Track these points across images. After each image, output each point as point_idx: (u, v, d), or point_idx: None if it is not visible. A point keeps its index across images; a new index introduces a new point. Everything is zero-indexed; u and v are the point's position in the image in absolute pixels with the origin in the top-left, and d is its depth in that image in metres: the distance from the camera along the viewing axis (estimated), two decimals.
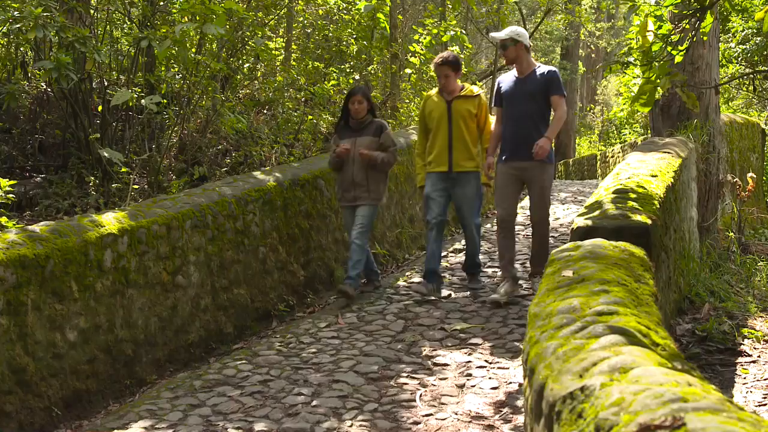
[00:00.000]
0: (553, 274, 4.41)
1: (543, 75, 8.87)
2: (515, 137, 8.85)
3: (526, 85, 8.90)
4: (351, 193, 9.56)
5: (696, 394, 2.20)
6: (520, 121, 8.86)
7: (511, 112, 8.97)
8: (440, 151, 9.35)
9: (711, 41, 11.35)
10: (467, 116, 9.31)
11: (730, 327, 7.56)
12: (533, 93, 8.84)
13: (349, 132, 9.72)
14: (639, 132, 26.67)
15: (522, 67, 9.00)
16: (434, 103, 9.49)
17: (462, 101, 9.37)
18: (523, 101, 8.88)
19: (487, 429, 5.82)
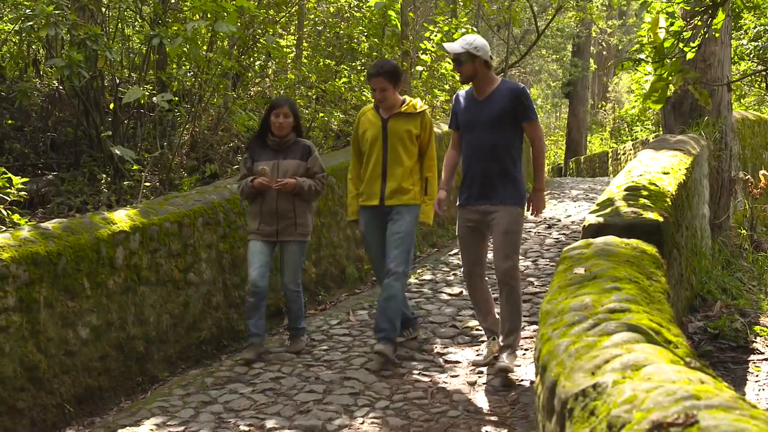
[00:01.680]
0: (564, 272, 4.40)
1: (508, 95, 6.84)
2: (475, 175, 6.92)
3: (487, 108, 6.87)
4: (273, 226, 7.69)
5: (709, 392, 2.19)
6: (481, 155, 6.89)
7: (470, 142, 6.99)
8: (372, 180, 7.53)
9: (723, 38, 11.32)
10: (407, 138, 7.45)
11: (742, 325, 7.54)
12: (496, 119, 6.82)
13: (269, 152, 7.85)
14: (650, 129, 26.60)
15: (481, 87, 6.98)
16: (369, 121, 7.63)
17: (401, 120, 7.48)
18: (483, 129, 6.87)
19: (499, 426, 5.83)
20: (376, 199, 7.49)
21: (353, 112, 15.31)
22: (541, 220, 14.56)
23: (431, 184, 7.53)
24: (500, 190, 6.80)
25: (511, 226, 6.77)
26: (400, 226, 7.36)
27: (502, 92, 6.88)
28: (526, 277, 10.13)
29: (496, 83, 6.97)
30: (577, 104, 37.57)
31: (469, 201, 6.97)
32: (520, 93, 6.85)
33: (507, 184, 6.81)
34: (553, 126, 56.16)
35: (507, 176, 6.82)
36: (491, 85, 6.96)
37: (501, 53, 34.73)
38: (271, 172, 7.69)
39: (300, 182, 7.65)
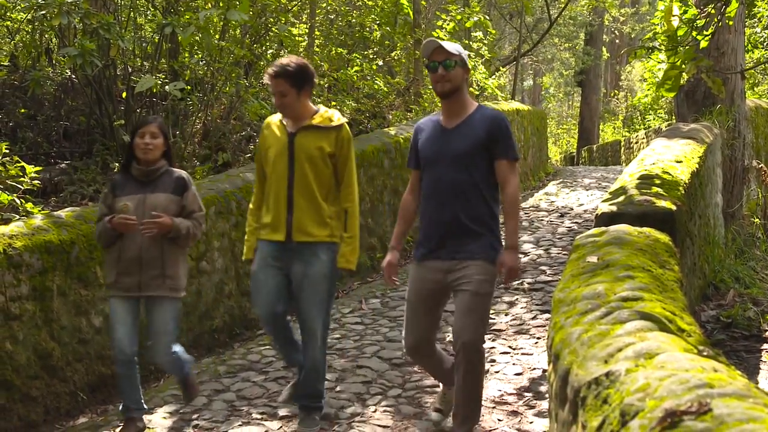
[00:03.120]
0: (577, 260, 4.40)
1: (485, 125, 5.36)
2: (437, 222, 5.39)
3: (458, 139, 5.37)
4: (135, 277, 5.91)
5: (722, 380, 2.19)
6: (446, 197, 5.36)
7: (433, 181, 5.43)
8: (276, 208, 5.85)
9: (737, 26, 11.27)
10: (318, 158, 5.80)
11: (755, 313, 7.53)
12: (468, 153, 5.32)
13: (132, 185, 6.08)
14: (663, 118, 26.53)
15: (455, 110, 5.45)
16: (273, 135, 5.97)
17: (312, 134, 5.83)
18: (451, 165, 5.35)
19: (511, 415, 5.83)
20: (281, 232, 5.80)
21: (365, 101, 15.30)
22: (554, 209, 14.54)
23: (351, 216, 5.89)
24: (470, 242, 5.27)
25: (483, 287, 5.19)
26: (315, 270, 5.73)
27: (477, 120, 5.36)
28: (539, 265, 10.13)
29: (472, 109, 5.44)
30: (589, 93, 37.47)
31: (429, 256, 5.38)
32: (501, 123, 5.32)
33: (479, 235, 5.29)
34: (565, 115, 56.04)
35: (479, 224, 5.30)
36: (466, 111, 5.43)
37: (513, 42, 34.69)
38: (135, 210, 5.92)
39: (177, 223, 5.94)
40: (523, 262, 10.35)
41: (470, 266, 5.22)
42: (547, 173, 20.39)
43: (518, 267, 5.31)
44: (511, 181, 5.29)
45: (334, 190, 5.93)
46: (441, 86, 5.30)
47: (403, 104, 16.51)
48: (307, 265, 5.74)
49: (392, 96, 16.56)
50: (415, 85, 17.01)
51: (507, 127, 5.34)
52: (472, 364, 5.19)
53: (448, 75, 5.29)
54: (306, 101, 5.88)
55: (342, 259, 5.80)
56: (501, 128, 5.30)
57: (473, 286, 5.18)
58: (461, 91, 5.39)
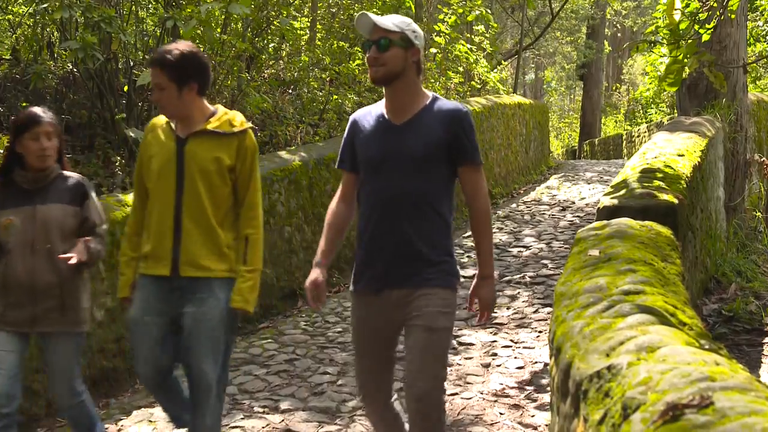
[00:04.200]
0: (579, 254, 4.41)
1: (443, 121, 4.27)
2: (383, 244, 4.28)
3: (411, 138, 4.27)
4: (26, 309, 4.86)
5: (724, 374, 2.19)
6: (395, 214, 4.26)
7: (377, 191, 4.32)
8: (159, 235, 4.69)
9: (738, 20, 11.26)
10: (214, 172, 4.65)
11: (757, 307, 7.53)
12: (423, 158, 4.24)
13: (18, 195, 4.94)
14: (665, 111, 26.53)
15: (402, 102, 4.32)
16: (158, 141, 4.78)
17: (206, 142, 4.68)
18: (402, 171, 4.25)
19: (513, 408, 5.84)
20: (165, 265, 4.65)
21: (367, 95, 15.30)
22: (556, 202, 14.53)
23: (252, 246, 4.75)
24: (423, 268, 4.24)
25: (439, 321, 4.16)
26: (210, 314, 4.59)
27: (433, 116, 4.27)
28: (541, 259, 10.13)
29: (425, 101, 4.31)
30: (591, 86, 37.45)
31: (372, 286, 4.29)
32: (463, 120, 4.25)
33: (434, 259, 4.28)
34: (567, 108, 56.01)
35: (436, 246, 4.29)
36: (417, 103, 4.30)
37: (515, 35, 34.65)
38: (23, 226, 4.87)
39: (92, 251, 4.93)
40: (524, 256, 10.37)
41: (424, 296, 4.16)
42: (549, 167, 20.38)
43: (494, 300, 4.39)
44: (481, 192, 4.34)
45: (232, 212, 4.78)
46: (373, 71, 4.18)
47: None
48: (199, 308, 4.58)
49: None
50: None
51: (471, 125, 4.28)
52: (428, 421, 4.08)
53: (382, 57, 4.16)
54: (196, 100, 4.71)
55: (238, 298, 4.60)
56: (464, 126, 4.23)
57: (428, 320, 4.12)
58: (406, 77, 4.22)
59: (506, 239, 11.42)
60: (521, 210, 13.78)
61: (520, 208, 13.93)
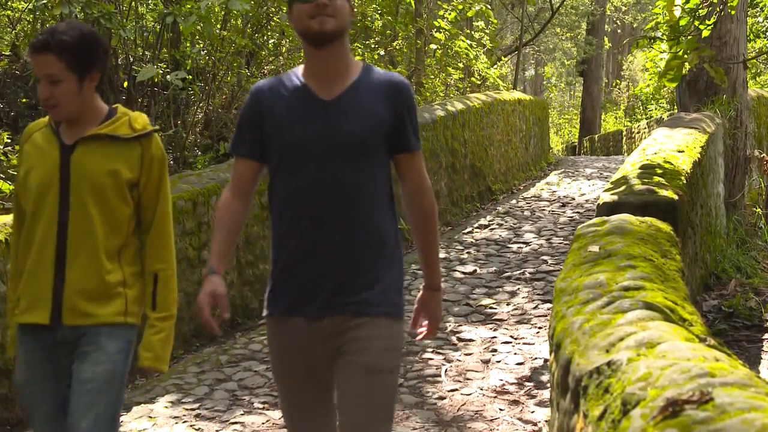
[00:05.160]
0: (579, 250, 4.40)
1: (385, 96, 3.40)
2: (313, 257, 3.34)
3: (347, 119, 3.35)
4: None
5: (723, 370, 2.19)
6: (328, 215, 3.32)
7: (305, 188, 3.35)
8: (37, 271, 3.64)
9: (739, 15, 11.26)
10: (110, 188, 3.62)
11: (756, 303, 7.53)
12: (365, 143, 3.35)
13: None
14: (665, 107, 26.52)
15: (331, 69, 3.38)
16: (37, 151, 3.71)
17: (99, 150, 3.65)
18: (334, 159, 3.32)
19: (512, 404, 5.84)
20: (43, 311, 3.59)
21: None
22: (556, 198, 14.54)
23: (164, 285, 3.73)
24: (366, 285, 3.30)
25: (386, 359, 3.30)
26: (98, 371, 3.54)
27: (370, 89, 3.37)
28: (540, 255, 10.13)
29: (357, 69, 3.42)
30: (591, 83, 37.43)
31: (297, 309, 3.33)
32: (408, 95, 3.41)
33: (381, 272, 3.34)
34: (567, 104, 56.00)
35: (382, 255, 3.36)
36: (350, 72, 3.39)
37: (515, 31, 34.64)
38: None
39: None
40: (524, 252, 10.36)
41: (365, 326, 3.26)
42: (549, 163, 20.36)
43: (440, 314, 3.56)
44: (426, 184, 3.47)
45: (135, 241, 3.74)
46: (318, 23, 3.19)
47: None
48: (86, 364, 3.55)
49: None
50: (416, 75, 17.00)
51: (414, 99, 3.45)
52: None
53: (333, 5, 3.22)
54: (92, 95, 3.68)
55: (147, 355, 3.63)
56: (410, 103, 3.39)
57: (370, 359, 3.25)
58: (345, 39, 3.36)
59: (506, 235, 11.42)
60: (521, 206, 13.78)
61: (519, 204, 13.93)
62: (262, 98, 3.42)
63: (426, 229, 3.48)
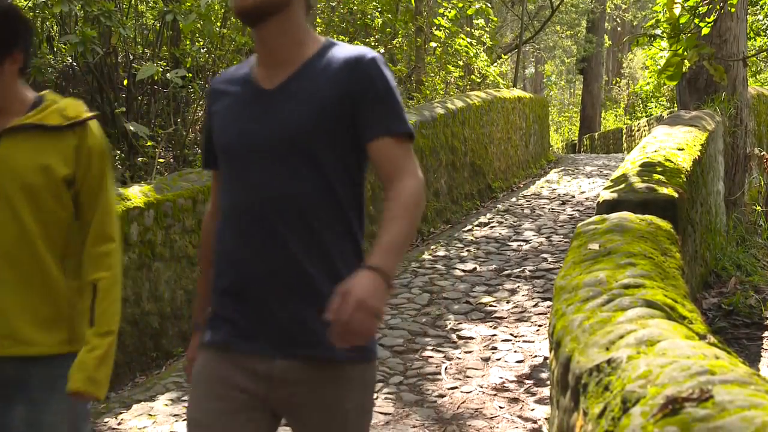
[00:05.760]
0: (579, 247, 4.40)
1: (339, 75, 2.63)
2: (251, 281, 2.64)
3: (286, 108, 2.63)
4: None
5: (723, 367, 2.19)
6: (266, 230, 2.61)
7: (241, 195, 2.68)
8: None
9: (739, 13, 11.25)
10: (41, 187, 3.05)
11: (756, 301, 7.53)
12: (307, 137, 2.60)
13: None
14: (665, 105, 26.52)
15: (281, 52, 2.68)
16: None
17: (26, 143, 3.07)
18: (273, 163, 2.62)
19: (512, 402, 5.84)
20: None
21: None
22: (555, 196, 14.54)
23: (104, 298, 3.15)
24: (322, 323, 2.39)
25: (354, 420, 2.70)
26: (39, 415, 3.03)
27: (322, 70, 2.68)
28: (540, 253, 10.13)
29: (314, 48, 2.73)
30: (591, 80, 37.43)
31: (234, 342, 2.68)
32: (370, 68, 2.65)
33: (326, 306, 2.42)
34: (567, 102, 56.01)
35: (324, 283, 2.60)
36: (302, 52, 2.71)
37: (515, 29, 34.62)
38: None
39: None
40: (524, 250, 10.36)
41: (331, 380, 2.62)
42: (549, 161, 20.37)
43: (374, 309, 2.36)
44: (408, 173, 2.59)
45: (78, 248, 3.18)
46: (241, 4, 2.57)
47: (404, 92, 16.50)
48: (28, 407, 3.02)
49: None
50: (416, 73, 17.01)
51: (385, 75, 2.65)
52: None
53: None
54: (15, 80, 3.15)
55: (79, 376, 2.97)
56: (372, 76, 2.62)
57: (336, 423, 2.66)
58: (290, 12, 2.65)
59: (506, 233, 11.42)
60: (521, 204, 13.78)
61: (519, 202, 13.93)
62: (212, 95, 2.88)
63: (399, 207, 2.53)
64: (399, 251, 2.49)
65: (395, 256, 2.47)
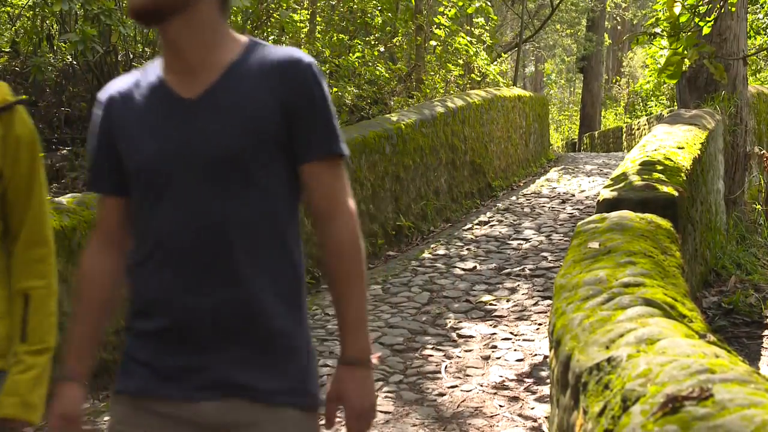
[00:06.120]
0: (579, 246, 4.40)
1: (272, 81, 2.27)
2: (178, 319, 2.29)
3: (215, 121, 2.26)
4: None
5: (723, 366, 2.19)
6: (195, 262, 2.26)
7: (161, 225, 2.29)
8: None
9: (739, 12, 11.25)
10: None
11: (756, 300, 7.53)
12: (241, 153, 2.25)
13: None
14: (665, 104, 26.54)
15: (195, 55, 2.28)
16: None
17: None
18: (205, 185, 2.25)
19: (512, 400, 5.84)
20: None
21: (367, 87, 15.29)
22: (555, 195, 14.54)
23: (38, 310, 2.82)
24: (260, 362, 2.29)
25: None
26: None
27: (252, 75, 2.30)
28: (540, 252, 10.13)
29: (236, 51, 2.34)
30: (591, 79, 37.43)
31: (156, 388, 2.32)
32: (307, 77, 2.31)
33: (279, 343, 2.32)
34: (567, 101, 56.00)
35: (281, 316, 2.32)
36: (222, 57, 2.32)
37: (515, 28, 34.61)
38: None
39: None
40: (524, 248, 10.37)
41: (265, 424, 2.28)
42: (549, 159, 20.36)
43: (373, 405, 2.35)
44: (343, 203, 2.36)
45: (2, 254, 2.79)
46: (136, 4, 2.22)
47: (404, 90, 16.51)
48: None
49: (394, 82, 16.56)
50: (416, 72, 17.00)
51: (322, 85, 2.33)
52: None
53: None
54: None
55: (11, 400, 2.66)
56: (311, 87, 2.30)
57: None
58: (199, 10, 2.27)
59: (506, 232, 11.42)
60: (521, 202, 13.78)
61: (519, 201, 13.93)
62: (112, 107, 2.43)
63: (339, 272, 2.35)
64: (365, 322, 2.38)
65: (365, 332, 2.38)
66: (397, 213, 11.01)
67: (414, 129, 11.65)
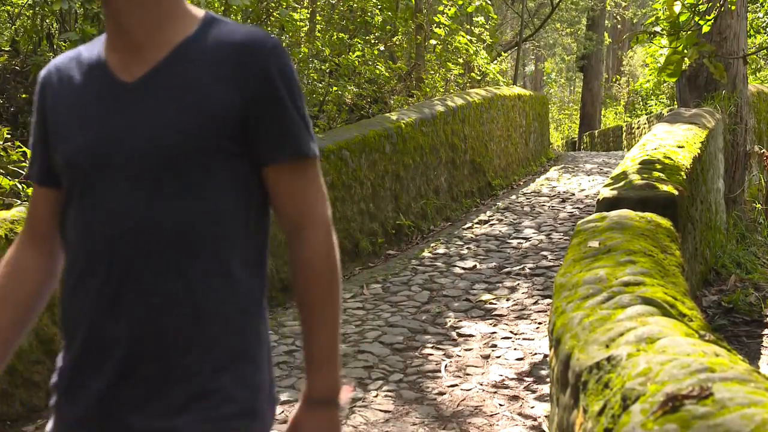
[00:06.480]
0: (579, 245, 4.40)
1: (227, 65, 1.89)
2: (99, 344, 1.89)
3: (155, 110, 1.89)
4: None
5: (723, 365, 2.19)
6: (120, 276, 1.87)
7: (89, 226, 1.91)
8: None
9: (739, 11, 11.25)
10: None
11: (756, 299, 7.53)
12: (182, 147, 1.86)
13: None
14: (665, 103, 26.51)
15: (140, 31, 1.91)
16: None
17: None
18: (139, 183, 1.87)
19: (512, 399, 5.84)
20: None
21: (367, 86, 15.29)
22: (555, 194, 14.54)
23: None
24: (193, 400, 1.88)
25: None
26: None
27: (204, 56, 1.92)
28: (540, 251, 10.13)
29: (189, 26, 1.96)
30: (591, 78, 37.42)
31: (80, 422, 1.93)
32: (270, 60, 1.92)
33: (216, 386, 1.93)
34: (567, 100, 55.99)
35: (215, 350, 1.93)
36: (172, 35, 1.94)
37: (515, 27, 34.61)
38: None
39: None
40: (524, 247, 10.36)
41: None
42: (549, 158, 20.36)
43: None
44: (315, 218, 2.08)
45: None
46: None
47: (404, 89, 16.50)
48: None
49: (394, 81, 16.56)
50: (416, 70, 17.00)
51: (290, 71, 1.98)
52: None
53: None
54: None
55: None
56: (274, 72, 1.94)
57: None
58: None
59: (506, 231, 11.42)
60: (521, 201, 13.78)
61: (519, 200, 13.93)
62: (47, 87, 2.12)
63: (308, 294, 2.06)
64: (336, 354, 2.11)
65: (335, 366, 2.11)
66: (397, 212, 11.01)
67: (414, 128, 11.65)
